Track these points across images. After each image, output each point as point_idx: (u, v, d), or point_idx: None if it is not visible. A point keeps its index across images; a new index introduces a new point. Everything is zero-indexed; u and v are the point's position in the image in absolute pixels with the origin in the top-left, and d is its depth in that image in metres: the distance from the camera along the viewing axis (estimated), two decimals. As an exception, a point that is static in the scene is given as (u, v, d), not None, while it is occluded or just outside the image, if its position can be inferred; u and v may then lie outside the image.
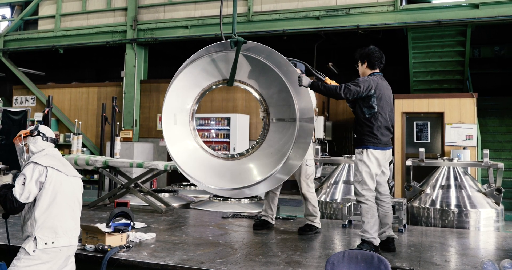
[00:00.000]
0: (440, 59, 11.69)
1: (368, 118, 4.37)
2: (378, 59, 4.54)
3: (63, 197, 3.27)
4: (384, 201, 4.49)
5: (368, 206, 4.30)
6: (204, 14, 11.60)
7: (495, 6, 9.39)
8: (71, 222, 3.32)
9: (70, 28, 13.04)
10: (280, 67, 5.03)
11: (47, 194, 3.19)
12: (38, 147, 3.39)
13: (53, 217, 3.19)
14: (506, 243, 4.87)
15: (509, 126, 11.79)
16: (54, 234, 3.18)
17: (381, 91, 4.38)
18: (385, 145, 4.40)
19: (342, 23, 10.34)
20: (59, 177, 3.27)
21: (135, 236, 4.59)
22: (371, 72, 4.55)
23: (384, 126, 4.37)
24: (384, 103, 4.39)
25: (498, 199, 5.91)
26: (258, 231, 5.24)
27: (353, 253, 3.11)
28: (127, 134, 11.99)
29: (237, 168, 5.34)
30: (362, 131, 4.40)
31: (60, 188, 3.26)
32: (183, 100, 5.42)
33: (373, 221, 4.27)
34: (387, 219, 4.48)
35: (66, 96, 13.51)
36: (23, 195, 3.12)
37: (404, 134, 10.13)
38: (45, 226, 3.16)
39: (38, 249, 3.10)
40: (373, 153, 4.32)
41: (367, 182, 4.31)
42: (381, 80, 4.47)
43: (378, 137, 4.33)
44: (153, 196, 6.72)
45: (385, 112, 4.39)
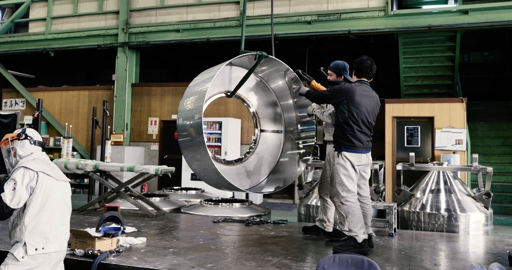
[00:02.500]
0: (430, 64, 11.80)
1: (341, 123, 4.64)
2: (365, 68, 4.78)
3: (54, 202, 3.23)
4: (364, 202, 4.72)
5: (348, 206, 4.51)
6: (196, 18, 11.61)
7: (484, 12, 9.50)
8: (62, 227, 3.29)
9: (61, 31, 12.98)
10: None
11: (37, 200, 3.14)
12: (26, 151, 3.31)
13: (43, 222, 3.14)
14: (495, 247, 4.91)
15: (498, 130, 11.90)
16: (45, 239, 3.13)
17: (355, 97, 4.56)
18: (359, 149, 4.59)
19: (333, 28, 10.40)
20: (49, 182, 3.23)
21: (125, 240, 4.56)
22: (356, 80, 4.83)
23: (357, 130, 4.57)
24: (357, 108, 4.56)
25: (487, 203, 5.96)
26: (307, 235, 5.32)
27: (343, 257, 3.11)
28: (118, 138, 11.94)
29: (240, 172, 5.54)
30: (337, 134, 4.71)
31: (51, 193, 3.21)
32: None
33: (355, 219, 4.47)
34: (367, 219, 4.70)
35: (56, 100, 13.43)
36: (14, 201, 3.05)
37: (394, 138, 10.19)
38: (35, 231, 3.11)
39: (28, 255, 3.05)
40: (346, 156, 4.56)
41: (345, 183, 4.54)
42: (360, 87, 4.68)
43: (351, 140, 4.56)
44: (144, 201, 6.69)
45: (358, 118, 4.57)
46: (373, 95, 4.77)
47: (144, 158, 12.30)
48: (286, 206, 11.08)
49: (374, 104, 4.75)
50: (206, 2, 11.54)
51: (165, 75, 17.91)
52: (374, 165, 6.49)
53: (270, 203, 11.28)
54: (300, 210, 6.81)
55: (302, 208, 6.74)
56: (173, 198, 7.67)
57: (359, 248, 4.34)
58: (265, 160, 5.69)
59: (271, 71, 5.54)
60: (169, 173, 6.57)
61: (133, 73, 12.45)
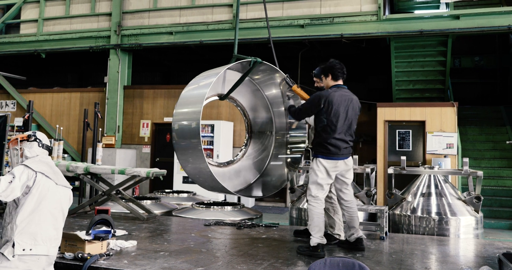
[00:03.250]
0: (422, 69, 11.87)
1: (319, 131, 4.69)
2: (340, 70, 4.85)
3: (48, 204, 3.22)
4: (348, 207, 4.81)
5: (309, 209, 4.65)
6: (189, 21, 11.60)
7: (475, 18, 9.58)
8: (53, 231, 3.26)
9: (53, 33, 12.91)
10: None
11: (32, 200, 3.14)
12: (32, 152, 3.38)
13: (34, 223, 3.13)
14: (485, 250, 4.93)
15: (489, 135, 12.00)
16: (33, 241, 3.11)
17: (332, 104, 4.58)
18: (336, 155, 4.61)
19: (326, 31, 10.44)
20: (47, 184, 3.23)
21: (115, 243, 4.53)
22: (334, 83, 4.84)
23: (335, 138, 4.59)
24: (335, 116, 4.59)
25: (478, 207, 5.99)
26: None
27: (334, 260, 3.11)
28: (110, 140, 11.88)
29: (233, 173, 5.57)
30: (315, 141, 4.76)
31: (46, 195, 3.21)
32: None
33: (313, 223, 4.57)
34: (354, 223, 4.79)
35: (47, 101, 13.35)
36: (5, 192, 3.06)
37: (386, 142, 10.24)
38: (25, 232, 3.09)
39: (16, 254, 3.04)
40: (321, 162, 4.62)
41: (311, 188, 4.64)
42: (337, 92, 4.69)
43: (327, 148, 4.60)
44: (135, 203, 6.65)
45: (337, 125, 4.59)
46: (353, 97, 4.78)
47: (136, 161, 12.25)
48: (278, 210, 11.07)
49: (354, 108, 4.75)
50: (199, 4, 11.54)
51: (158, 77, 17.88)
52: (366, 169, 6.52)
53: (262, 207, 11.27)
54: (291, 213, 6.81)
55: (293, 211, 6.74)
56: (164, 201, 7.63)
57: (312, 251, 4.45)
58: (255, 164, 5.72)
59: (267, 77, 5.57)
60: (160, 176, 6.55)
61: (125, 75, 12.41)
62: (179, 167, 11.14)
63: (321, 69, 4.94)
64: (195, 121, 4.52)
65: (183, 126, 4.69)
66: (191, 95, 4.81)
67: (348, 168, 4.75)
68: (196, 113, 4.52)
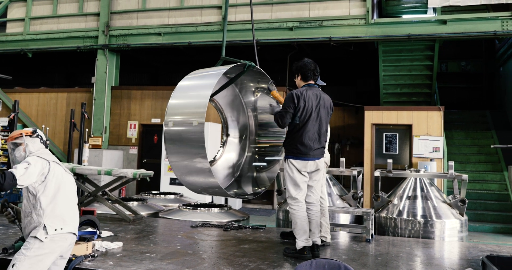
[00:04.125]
0: (409, 73, 11.98)
1: (291, 130, 4.64)
2: (311, 71, 4.73)
3: (66, 187, 3.45)
4: (309, 208, 4.68)
5: (291, 213, 4.61)
6: (178, 22, 11.57)
7: (462, 23, 9.70)
8: (75, 211, 3.51)
9: (40, 32, 12.79)
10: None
11: (51, 185, 3.34)
12: (36, 147, 3.54)
13: (59, 205, 3.34)
14: (469, 253, 4.99)
15: (474, 139, 12.14)
16: (62, 221, 3.33)
17: (304, 103, 4.53)
18: (306, 156, 4.55)
19: (315, 34, 10.49)
20: (60, 170, 3.45)
21: (101, 245, 4.50)
22: (304, 83, 4.76)
23: (306, 138, 4.52)
24: (306, 114, 4.53)
25: (462, 210, 6.06)
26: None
27: (320, 262, 3.12)
28: (96, 141, 11.78)
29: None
30: (286, 142, 4.71)
31: (62, 180, 3.43)
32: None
33: (297, 226, 4.53)
34: (311, 226, 4.65)
35: (33, 101, 13.20)
36: (23, 177, 3.19)
37: (373, 145, 10.30)
38: (53, 214, 3.29)
39: (49, 235, 3.22)
40: (292, 162, 4.58)
41: (289, 189, 4.61)
42: (309, 92, 4.61)
43: (297, 148, 4.55)
44: (121, 205, 6.61)
45: (307, 125, 4.53)
46: (324, 97, 4.70)
47: (123, 162, 12.16)
48: (265, 212, 11.07)
49: (325, 107, 4.67)
50: (188, 6, 11.52)
51: (146, 78, 17.81)
52: (353, 172, 6.55)
53: (249, 209, 11.26)
54: (278, 215, 6.82)
55: (280, 213, 6.75)
56: (151, 203, 7.59)
57: (297, 253, 4.46)
58: (231, 166, 5.72)
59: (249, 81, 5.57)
60: (147, 177, 6.51)
61: (113, 76, 12.33)
62: (166, 168, 11.09)
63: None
64: (199, 121, 4.32)
65: (181, 127, 4.51)
66: (191, 95, 4.66)
67: (317, 169, 4.65)
68: (200, 113, 4.33)
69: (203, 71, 4.91)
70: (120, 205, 6.59)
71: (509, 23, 9.39)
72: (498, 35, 9.66)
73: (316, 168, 4.63)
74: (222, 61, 5.09)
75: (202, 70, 4.95)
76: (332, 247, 5.06)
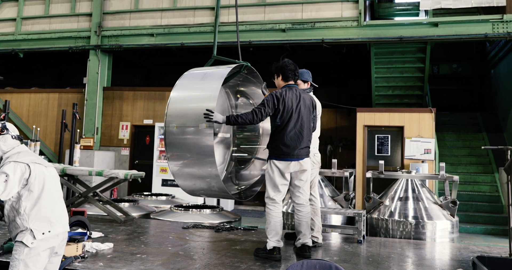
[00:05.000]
0: (401, 75, 12.03)
1: (273, 131, 4.61)
2: (291, 71, 4.71)
3: (50, 187, 3.29)
4: (299, 210, 4.66)
5: (266, 213, 4.58)
6: (170, 23, 11.54)
7: (453, 25, 9.76)
8: (62, 208, 3.37)
9: (32, 32, 12.70)
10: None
11: (34, 188, 3.18)
12: (8, 145, 3.32)
13: (44, 207, 3.20)
14: (460, 254, 5.01)
15: (465, 141, 12.20)
16: (49, 223, 3.19)
17: (284, 104, 4.50)
18: (289, 156, 4.52)
19: (307, 36, 10.50)
20: (41, 169, 3.27)
21: (91, 246, 4.47)
22: (285, 84, 4.74)
23: (288, 138, 4.49)
24: (287, 115, 4.50)
25: (453, 211, 6.08)
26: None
27: (311, 263, 3.11)
28: (88, 142, 11.71)
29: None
30: (269, 143, 4.66)
31: (45, 180, 3.26)
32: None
33: (270, 226, 4.50)
34: (301, 227, 4.64)
35: (24, 102, 13.10)
36: (4, 193, 3.06)
37: (365, 147, 10.32)
38: (39, 217, 3.16)
39: (37, 239, 3.10)
40: (274, 163, 4.54)
41: (268, 190, 4.58)
42: (289, 92, 4.58)
43: (280, 148, 4.52)
44: (112, 206, 6.57)
45: (289, 125, 4.50)
46: (304, 97, 4.67)
47: (115, 163, 12.09)
48: (257, 213, 11.06)
49: (307, 106, 4.64)
50: (181, 7, 11.49)
51: (138, 79, 17.74)
52: (345, 173, 6.56)
53: (241, 210, 11.24)
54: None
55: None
56: (142, 204, 7.56)
57: (268, 254, 4.43)
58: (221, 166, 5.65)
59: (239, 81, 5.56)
60: (138, 178, 6.49)
61: (105, 76, 12.26)
62: (158, 169, 11.06)
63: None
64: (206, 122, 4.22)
65: (188, 128, 4.34)
66: (197, 96, 4.51)
67: (302, 169, 4.59)
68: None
69: (202, 71, 4.78)
70: (111, 206, 6.56)
71: (499, 25, 9.46)
72: (489, 38, 9.73)
73: (300, 168, 4.58)
74: (213, 60, 5.06)
75: (201, 70, 4.84)
76: (324, 248, 5.06)
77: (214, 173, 4.26)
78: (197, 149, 4.31)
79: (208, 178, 4.40)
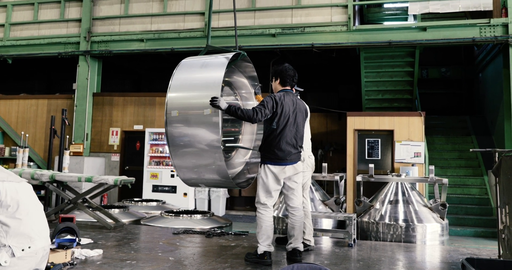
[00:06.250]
0: (390, 79, 12.11)
1: (268, 135, 4.57)
2: (290, 77, 4.73)
3: (25, 202, 3.13)
4: (293, 214, 4.66)
5: (258, 217, 4.55)
6: (160, 28, 11.53)
7: (441, 29, 9.86)
8: (41, 222, 3.20)
9: (20, 38, 12.63)
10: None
11: (8, 205, 3.01)
12: None
13: (23, 223, 3.04)
14: (450, 257, 5.03)
15: (455, 144, 12.29)
16: (29, 239, 3.04)
17: (282, 108, 4.51)
18: (284, 161, 4.52)
19: (297, 41, 10.55)
20: (13, 187, 3.10)
21: (80, 252, 4.43)
22: (282, 88, 4.76)
23: (283, 142, 4.49)
24: (284, 119, 4.51)
25: (443, 214, 6.12)
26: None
27: (301, 266, 3.10)
28: (78, 148, 11.63)
29: None
30: (262, 147, 4.62)
31: (18, 196, 3.09)
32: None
33: (261, 231, 4.48)
34: (294, 231, 4.63)
35: (13, 108, 12.99)
36: None
37: (356, 150, 10.35)
38: (17, 233, 3.00)
39: (16, 257, 2.94)
40: (269, 168, 4.52)
41: (260, 195, 4.55)
42: (286, 97, 4.60)
43: (275, 153, 4.50)
44: (102, 212, 6.52)
45: (285, 129, 4.51)
46: (299, 103, 4.73)
47: (105, 169, 12.02)
48: (248, 218, 11.03)
49: (301, 112, 4.69)
50: (171, 12, 11.50)
51: (128, 85, 17.67)
52: (335, 177, 6.58)
53: (233, 215, 11.21)
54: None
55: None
56: (133, 210, 7.51)
57: (258, 258, 4.42)
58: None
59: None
60: (128, 184, 6.45)
61: (95, 82, 12.21)
62: (149, 175, 11.01)
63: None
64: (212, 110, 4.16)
65: (190, 112, 4.25)
66: (198, 82, 4.43)
67: (296, 172, 4.62)
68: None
69: (200, 60, 4.72)
70: (101, 213, 6.51)
71: (487, 30, 9.57)
72: (477, 42, 9.83)
73: (295, 172, 4.60)
74: (207, 49, 5.05)
75: (198, 59, 4.77)
76: (314, 252, 5.05)
77: (219, 157, 4.18)
78: (201, 135, 4.23)
79: (213, 165, 4.30)
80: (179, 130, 4.35)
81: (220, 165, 4.25)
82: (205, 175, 4.48)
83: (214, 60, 4.64)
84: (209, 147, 4.24)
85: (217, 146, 4.19)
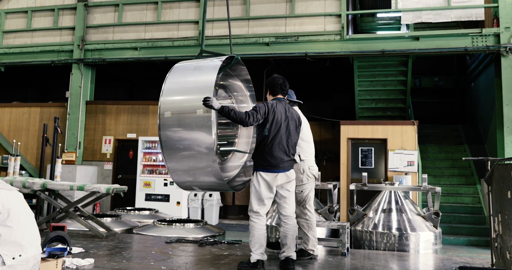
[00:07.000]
0: (384, 88, 12.17)
1: (260, 142, 4.60)
2: (278, 85, 4.80)
3: (16, 210, 3.10)
4: (285, 222, 4.66)
5: (250, 225, 4.54)
6: (154, 37, 11.55)
7: (434, 39, 9.94)
8: (32, 231, 3.18)
9: (13, 46, 12.59)
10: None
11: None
12: None
13: (14, 231, 3.02)
14: (443, 265, 5.02)
15: (448, 153, 12.34)
16: (20, 247, 3.01)
17: (274, 115, 4.56)
18: (276, 168, 4.54)
19: (291, 50, 10.59)
20: (4, 194, 3.09)
21: (71, 262, 4.38)
22: (273, 97, 4.83)
23: (276, 149, 4.52)
24: (276, 126, 4.55)
25: (436, 223, 6.11)
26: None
27: (294, 276, 3.09)
28: (70, 156, 11.56)
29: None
30: (255, 154, 4.64)
31: (10, 204, 3.08)
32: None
33: (254, 239, 4.48)
34: (286, 240, 4.62)
35: (5, 116, 12.92)
36: None
37: (349, 159, 10.37)
38: (8, 241, 2.98)
39: (7, 265, 2.92)
40: (261, 175, 4.53)
41: (253, 203, 4.55)
42: (279, 105, 4.67)
43: (267, 160, 4.52)
44: (94, 221, 6.46)
45: (277, 136, 4.54)
46: (292, 111, 4.78)
47: (97, 177, 11.95)
48: (242, 227, 10.98)
49: (294, 120, 4.74)
50: (165, 20, 11.52)
51: (121, 93, 17.64)
52: (328, 185, 6.56)
53: (226, 224, 11.16)
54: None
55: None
56: (125, 219, 7.45)
57: (251, 267, 4.42)
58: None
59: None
60: (121, 193, 6.40)
61: (88, 90, 12.18)
62: (142, 184, 10.95)
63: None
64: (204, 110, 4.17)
65: (182, 112, 4.28)
66: (190, 85, 4.46)
67: (289, 180, 4.64)
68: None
69: (193, 64, 4.75)
70: (93, 221, 6.45)
71: (479, 39, 9.66)
72: (469, 51, 9.92)
73: (287, 180, 4.61)
74: (201, 54, 5.07)
75: (191, 62, 4.80)
76: (308, 261, 5.02)
77: (212, 158, 4.20)
78: (195, 135, 4.25)
79: (207, 167, 4.30)
80: (172, 132, 4.37)
81: (214, 167, 4.25)
82: (199, 177, 4.48)
83: (207, 63, 4.67)
84: (202, 149, 4.24)
85: (211, 147, 4.19)
